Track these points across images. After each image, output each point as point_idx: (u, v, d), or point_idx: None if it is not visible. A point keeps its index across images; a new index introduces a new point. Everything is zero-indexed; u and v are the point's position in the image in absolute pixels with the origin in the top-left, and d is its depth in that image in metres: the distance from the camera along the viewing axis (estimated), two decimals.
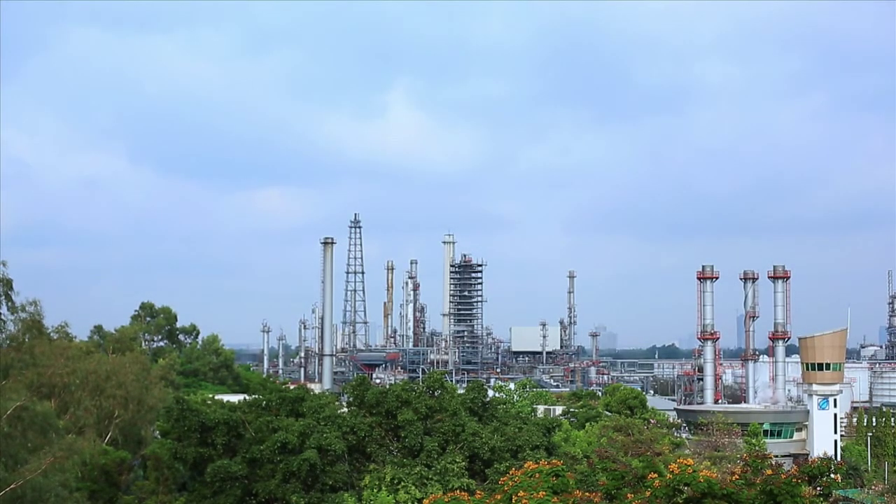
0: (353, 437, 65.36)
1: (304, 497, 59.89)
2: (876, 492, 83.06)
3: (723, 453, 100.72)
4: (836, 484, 38.73)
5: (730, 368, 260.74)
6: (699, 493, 33.07)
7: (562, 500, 34.53)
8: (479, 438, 65.36)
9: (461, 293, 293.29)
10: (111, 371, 73.60)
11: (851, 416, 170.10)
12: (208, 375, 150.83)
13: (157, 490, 71.42)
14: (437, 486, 58.87)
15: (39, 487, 48.12)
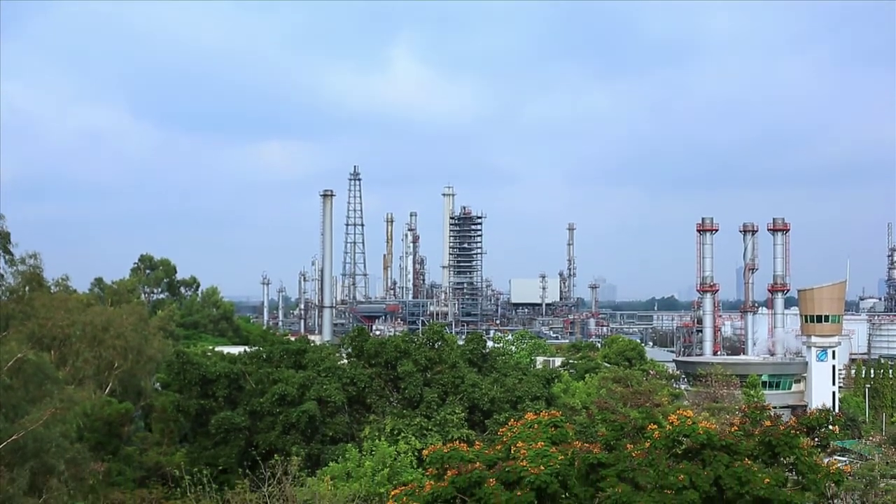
0: (353, 388, 65.56)
1: (304, 448, 60.16)
2: (873, 443, 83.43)
3: (721, 405, 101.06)
4: (834, 435, 38.86)
5: (729, 320, 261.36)
6: (698, 445, 33.20)
7: (561, 450, 34.64)
8: (479, 389, 65.55)
9: (461, 245, 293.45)
10: (109, 322, 73.60)
11: (850, 367, 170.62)
12: (208, 327, 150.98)
13: (161, 441, 71.79)
14: (437, 436, 59.13)
15: (41, 438, 48.29)
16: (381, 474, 51.28)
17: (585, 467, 34.07)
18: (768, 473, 32.38)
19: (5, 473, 46.44)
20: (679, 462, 32.92)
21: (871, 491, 65.53)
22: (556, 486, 33.48)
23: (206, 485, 46.62)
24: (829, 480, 35.40)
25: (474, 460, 35.14)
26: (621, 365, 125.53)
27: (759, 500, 31.84)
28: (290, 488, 45.16)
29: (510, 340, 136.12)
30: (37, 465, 48.65)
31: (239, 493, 45.22)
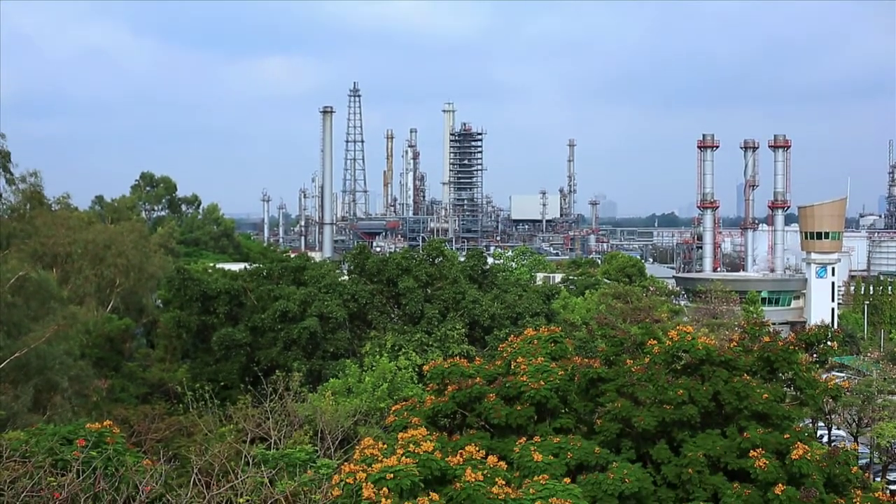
0: (354, 304, 65.74)
1: (305, 364, 60.44)
2: (871, 359, 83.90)
3: (721, 321, 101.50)
4: (832, 351, 38.98)
5: (729, 237, 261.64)
6: (697, 360, 33.36)
7: (560, 366, 34.81)
8: (479, 306, 65.75)
9: (461, 162, 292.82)
10: (111, 240, 73.64)
11: (849, 284, 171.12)
12: (209, 244, 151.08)
13: (163, 358, 72.15)
14: (438, 352, 59.41)
15: (44, 355, 48.49)
16: (382, 389, 51.59)
17: (585, 382, 34.27)
18: (767, 389, 32.57)
19: (9, 391, 46.72)
20: (678, 377, 33.10)
21: (868, 406, 66.07)
22: (556, 400, 33.71)
23: (208, 400, 46.91)
24: (826, 396, 35.65)
25: (475, 375, 35.34)
26: (621, 281, 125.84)
27: (758, 415, 32.07)
28: (291, 404, 45.44)
29: (510, 257, 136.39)
30: (41, 382, 48.93)
31: (241, 408, 45.49)
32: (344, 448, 40.07)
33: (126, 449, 25.31)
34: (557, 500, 27.35)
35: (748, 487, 29.70)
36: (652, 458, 32.02)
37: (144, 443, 43.28)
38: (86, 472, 21.15)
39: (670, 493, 30.93)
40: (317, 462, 31.50)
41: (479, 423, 34.48)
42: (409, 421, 34.10)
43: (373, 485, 25.26)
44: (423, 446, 27.95)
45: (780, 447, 30.62)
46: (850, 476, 30.65)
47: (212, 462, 23.86)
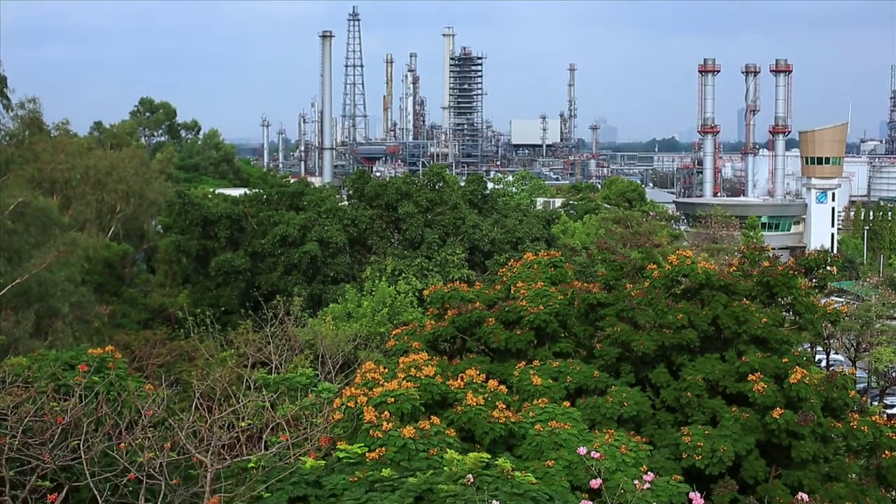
0: (354, 229, 65.78)
1: (305, 288, 60.64)
2: (871, 284, 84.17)
3: (720, 245, 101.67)
4: (831, 276, 39.07)
5: (729, 162, 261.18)
6: (697, 285, 33.37)
7: (560, 290, 34.84)
8: (479, 230, 65.80)
9: (461, 86, 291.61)
10: (111, 166, 73.50)
11: (849, 209, 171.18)
12: (209, 170, 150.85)
13: (163, 283, 72.35)
14: (438, 277, 59.57)
15: (45, 282, 48.61)
16: (382, 314, 51.79)
17: (584, 307, 34.33)
18: (766, 313, 32.63)
19: (10, 317, 46.88)
20: (678, 302, 33.15)
21: (866, 331, 66.40)
22: (556, 325, 33.80)
23: (209, 326, 47.11)
24: (825, 321, 35.70)
25: (474, 300, 35.39)
26: (621, 206, 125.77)
27: (756, 340, 32.16)
28: (291, 328, 45.64)
29: (510, 182, 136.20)
30: (42, 308, 49.10)
31: (242, 333, 45.69)
32: (344, 372, 40.30)
33: (128, 374, 25.43)
34: (557, 424, 27.54)
35: (746, 411, 29.88)
36: (651, 381, 32.19)
37: (146, 368, 43.53)
38: (88, 397, 21.24)
39: (669, 416, 31.13)
40: (318, 386, 31.69)
41: (478, 348, 34.61)
42: (409, 345, 34.22)
43: (374, 409, 25.41)
44: (423, 371, 28.09)
45: (779, 371, 30.75)
46: (847, 400, 30.80)
47: (213, 387, 23.95)
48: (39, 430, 20.01)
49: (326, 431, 24.47)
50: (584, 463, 25.26)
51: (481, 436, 26.91)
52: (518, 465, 23.89)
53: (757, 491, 28.85)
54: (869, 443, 30.37)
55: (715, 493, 27.88)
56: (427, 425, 24.91)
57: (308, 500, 20.61)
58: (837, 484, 29.42)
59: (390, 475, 21.08)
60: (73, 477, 19.57)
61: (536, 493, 20.04)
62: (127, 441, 19.57)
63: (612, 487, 24.09)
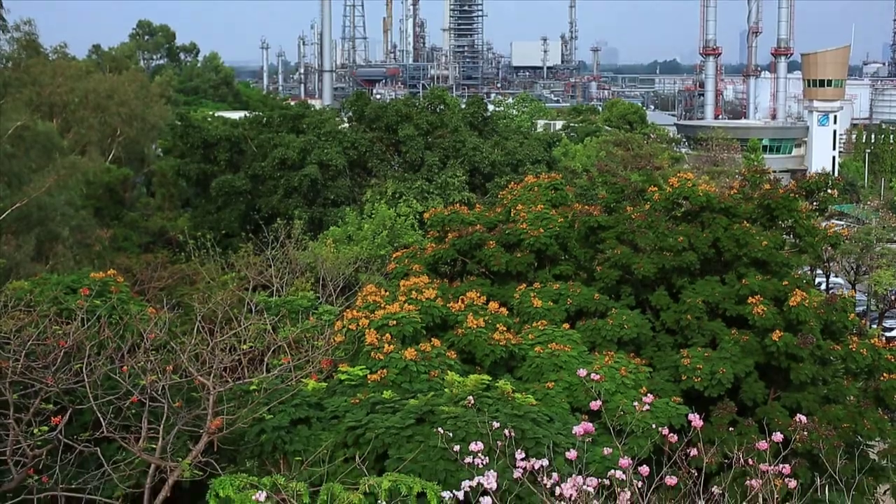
0: (354, 152, 65.58)
1: (306, 212, 60.59)
2: (871, 207, 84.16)
3: (721, 168, 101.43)
4: (832, 199, 38.93)
5: (731, 84, 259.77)
6: (697, 207, 33.34)
7: (560, 213, 34.82)
8: (480, 153, 65.62)
9: (461, 8, 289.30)
10: (111, 89, 73.06)
11: (851, 132, 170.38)
12: (208, 93, 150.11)
13: (162, 206, 72.27)
14: (438, 199, 59.49)
15: (45, 206, 48.53)
16: (382, 237, 51.81)
17: (585, 229, 34.33)
18: (766, 236, 32.63)
19: (11, 241, 46.87)
20: (678, 224, 33.14)
21: (866, 254, 66.49)
22: (556, 248, 33.84)
23: (209, 249, 47.13)
24: (825, 244, 35.72)
25: (475, 223, 35.38)
26: (622, 128, 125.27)
27: (757, 262, 32.19)
28: (292, 251, 45.68)
29: (511, 104, 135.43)
30: (42, 232, 49.07)
31: (242, 256, 45.74)
32: (345, 295, 40.41)
33: (130, 297, 25.49)
34: (557, 346, 27.69)
35: (746, 333, 30.00)
36: (651, 304, 32.29)
37: (147, 291, 43.61)
38: (90, 320, 21.30)
39: (669, 338, 31.27)
40: (319, 309, 31.78)
41: (479, 270, 34.68)
42: (410, 268, 34.30)
43: (375, 331, 25.52)
44: (424, 293, 28.17)
45: (779, 294, 30.83)
46: (847, 323, 30.92)
47: (215, 310, 24.01)
48: (42, 353, 20.08)
49: (328, 354, 24.58)
50: (584, 385, 25.44)
51: (482, 358, 27.07)
52: (518, 387, 24.05)
53: (756, 413, 29.05)
54: (867, 365, 30.52)
55: (714, 414, 28.08)
56: (428, 347, 25.03)
57: (310, 421, 20.76)
58: (836, 406, 29.62)
59: (391, 397, 21.22)
60: (77, 400, 19.68)
61: (536, 415, 20.18)
62: (129, 364, 19.66)
63: (611, 409, 24.28)
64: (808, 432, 26.28)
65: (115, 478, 18.19)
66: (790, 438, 22.87)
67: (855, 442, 28.88)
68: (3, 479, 18.36)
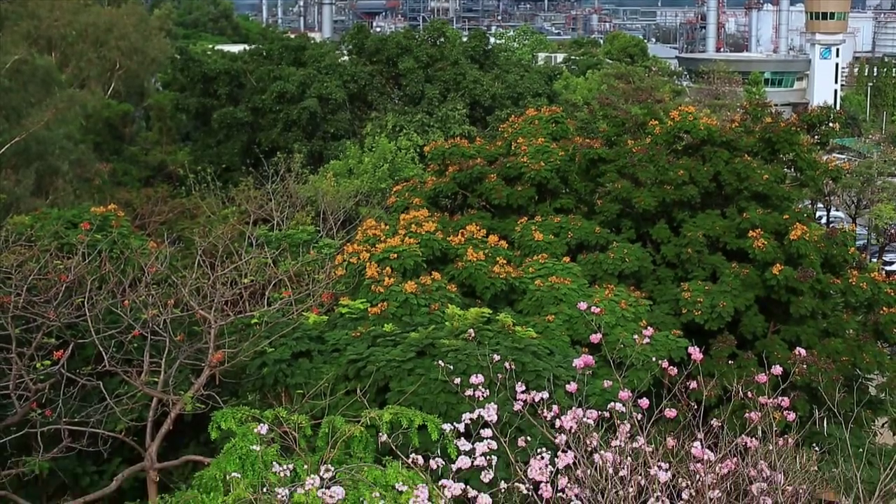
0: (354, 85, 65.26)
1: (306, 145, 60.45)
2: (873, 141, 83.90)
3: (723, 101, 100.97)
4: (834, 133, 38.83)
5: (733, 17, 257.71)
6: (698, 141, 33.25)
7: (561, 146, 34.75)
8: (480, 86, 65.35)
9: None
10: (111, 23, 72.45)
11: (853, 66, 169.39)
12: (207, 26, 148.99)
13: (161, 141, 72.03)
14: (438, 132, 59.33)
15: (44, 140, 48.32)
16: (382, 170, 51.75)
17: (586, 163, 34.28)
18: (767, 170, 32.59)
19: (11, 175, 46.76)
20: (679, 158, 33.09)
21: (867, 188, 66.41)
22: (557, 181, 33.82)
23: (210, 183, 47.10)
24: (827, 177, 35.71)
25: (475, 156, 35.33)
26: (623, 61, 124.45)
27: (757, 196, 32.18)
28: (293, 185, 45.67)
29: (512, 37, 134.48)
30: (42, 166, 48.91)
31: (243, 190, 45.73)
32: (346, 229, 40.46)
33: (130, 232, 25.48)
34: (557, 279, 27.75)
35: (746, 267, 30.05)
36: (651, 237, 32.32)
37: (148, 226, 43.63)
38: (91, 255, 21.34)
39: (669, 272, 31.33)
40: (319, 242, 31.83)
41: (479, 204, 34.68)
42: (410, 202, 34.29)
43: (376, 265, 25.57)
44: (424, 227, 28.19)
45: (779, 227, 30.84)
46: (847, 256, 30.96)
47: (215, 244, 24.02)
48: (44, 288, 20.13)
49: (328, 287, 24.67)
50: (584, 318, 25.53)
51: (482, 291, 27.15)
52: (519, 320, 24.13)
53: (755, 346, 29.18)
54: (867, 299, 30.61)
55: (714, 348, 28.20)
56: (428, 281, 25.10)
57: (311, 354, 20.87)
58: (835, 339, 29.74)
59: (392, 330, 21.30)
60: (79, 334, 19.76)
61: (537, 348, 20.28)
62: (131, 298, 19.71)
63: (611, 342, 24.38)
64: (808, 366, 26.44)
65: (117, 411, 18.32)
66: (789, 372, 23.00)
67: (854, 375, 29.02)
68: (6, 413, 18.50)
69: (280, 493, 12.15)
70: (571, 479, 11.59)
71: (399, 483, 13.55)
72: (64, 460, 18.88)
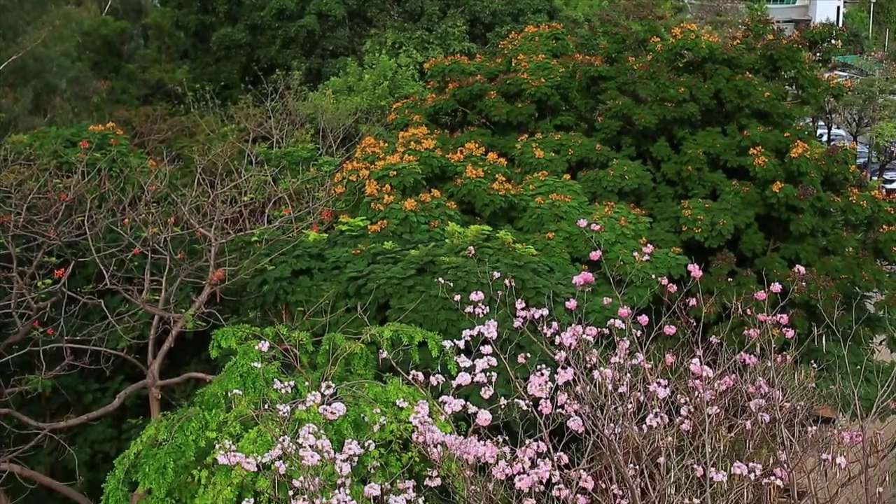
0: (353, 1, 64.67)
1: (304, 62, 60.06)
2: (875, 59, 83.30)
3: (725, 18, 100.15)
4: (836, 50, 38.59)
5: None
6: (700, 58, 33.03)
7: (562, 63, 34.55)
8: (480, 2, 64.73)
9: None
10: None
11: None
12: None
13: (159, 59, 71.53)
14: (438, 49, 58.87)
15: (41, 58, 48.02)
16: (382, 87, 51.45)
17: (586, 80, 34.13)
18: (769, 87, 32.44)
19: (9, 94, 46.58)
20: (680, 75, 32.90)
21: (869, 106, 66.05)
22: (557, 98, 33.67)
23: (209, 101, 46.86)
24: (828, 95, 35.54)
25: (475, 73, 35.18)
26: None
27: (758, 113, 32.06)
28: (292, 103, 45.46)
29: None
30: (39, 85, 48.67)
31: (242, 108, 45.53)
32: (345, 146, 40.34)
33: (129, 150, 25.42)
34: (557, 196, 27.75)
35: (746, 185, 30.03)
36: (652, 155, 32.26)
37: (147, 144, 43.49)
38: (91, 173, 21.31)
39: (669, 189, 31.31)
40: (319, 160, 31.76)
41: (479, 121, 34.59)
42: (410, 119, 34.19)
43: (375, 182, 25.55)
44: (424, 144, 28.13)
45: (780, 145, 30.77)
46: (847, 174, 30.92)
47: (215, 162, 23.99)
48: (44, 207, 20.14)
49: (328, 205, 24.67)
50: (584, 235, 25.57)
51: (481, 208, 27.16)
52: (519, 238, 24.19)
53: (755, 263, 29.25)
54: (867, 217, 30.63)
55: (713, 265, 28.27)
56: (428, 198, 25.11)
57: (311, 272, 20.92)
58: (834, 257, 29.80)
59: (392, 247, 21.34)
60: (79, 252, 19.80)
61: (537, 265, 20.34)
62: (131, 217, 19.72)
63: (611, 259, 24.47)
64: (807, 283, 26.52)
65: (118, 329, 18.41)
66: (788, 289, 23.09)
67: (852, 293, 29.16)
68: (8, 332, 18.61)
69: (281, 410, 12.24)
70: (571, 395, 11.65)
71: (399, 399, 13.67)
72: (66, 378, 19.02)
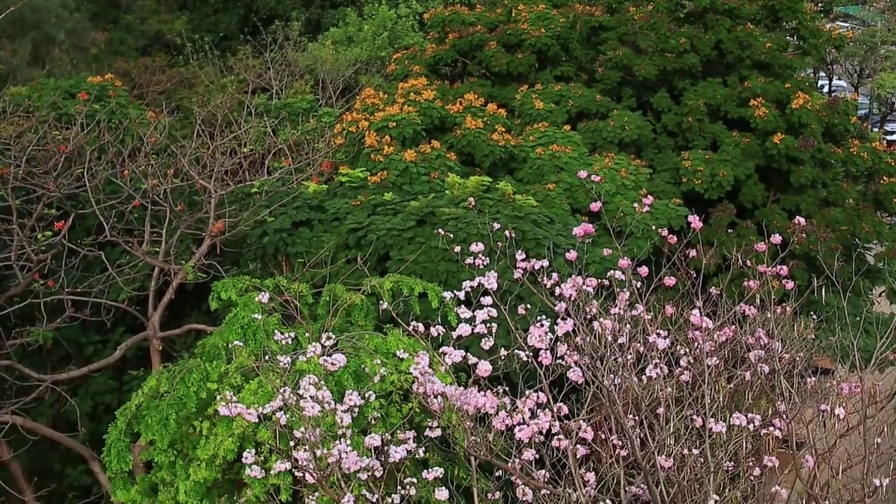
0: None
1: (304, 13, 59.75)
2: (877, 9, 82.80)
3: None
4: (837, 1, 38.44)
5: None
6: (700, 8, 32.83)
7: (562, 13, 34.38)
8: None
9: None
10: None
11: None
12: None
13: (157, 9, 71.13)
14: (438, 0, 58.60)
15: (39, 9, 47.78)
16: (382, 38, 51.19)
17: (586, 30, 33.98)
18: (770, 38, 32.29)
19: (7, 45, 46.37)
20: (681, 26, 32.74)
21: (870, 57, 65.70)
22: (557, 48, 33.53)
23: (208, 52, 46.66)
24: (829, 45, 35.39)
25: (475, 23, 35.02)
26: None
27: (759, 64, 31.96)
28: (291, 54, 45.26)
29: None
30: (37, 36, 48.44)
31: (241, 59, 45.35)
32: (345, 97, 40.23)
33: (129, 101, 25.36)
34: (558, 147, 27.70)
35: (747, 136, 29.98)
36: (652, 106, 32.16)
37: (146, 95, 43.32)
38: (90, 125, 21.26)
39: (669, 140, 31.25)
40: (318, 111, 31.68)
41: (479, 72, 34.47)
42: (409, 69, 34.09)
43: (375, 133, 25.50)
44: (423, 94, 28.05)
45: (781, 96, 30.68)
46: (848, 126, 30.84)
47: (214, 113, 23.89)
48: (43, 159, 20.10)
49: (328, 156, 24.64)
50: (585, 186, 25.54)
51: (481, 159, 27.13)
52: (519, 189, 24.16)
53: (755, 215, 29.25)
54: (867, 168, 30.58)
55: (713, 216, 28.27)
56: (428, 149, 25.07)
57: (311, 223, 20.92)
58: (835, 209, 29.80)
59: (392, 199, 21.33)
60: (79, 204, 19.79)
61: (537, 216, 20.34)
62: (130, 168, 19.70)
63: (611, 210, 24.47)
64: (807, 234, 26.54)
65: (119, 281, 18.45)
66: (788, 240, 23.13)
67: (852, 245, 29.19)
68: (9, 284, 18.64)
69: (282, 361, 12.29)
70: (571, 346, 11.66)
71: (400, 350, 13.72)
72: (67, 330, 19.08)
